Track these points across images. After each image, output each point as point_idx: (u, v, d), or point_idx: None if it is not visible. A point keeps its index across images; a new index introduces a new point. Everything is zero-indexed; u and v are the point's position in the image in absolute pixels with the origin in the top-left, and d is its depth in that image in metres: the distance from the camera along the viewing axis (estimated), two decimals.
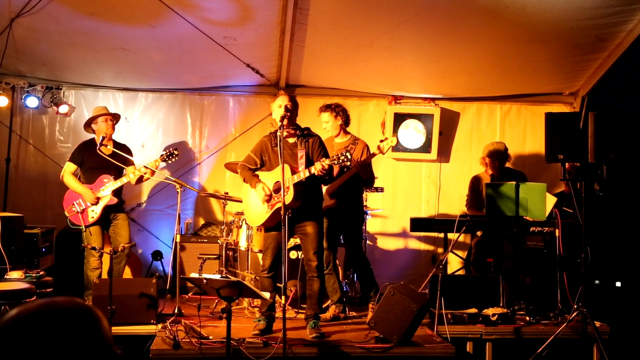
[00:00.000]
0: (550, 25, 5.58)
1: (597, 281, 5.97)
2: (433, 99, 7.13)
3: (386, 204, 7.06)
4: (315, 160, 4.59)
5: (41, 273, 5.09)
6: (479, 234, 5.82)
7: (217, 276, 3.79)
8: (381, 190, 6.44)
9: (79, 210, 5.39)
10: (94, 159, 5.52)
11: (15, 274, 4.95)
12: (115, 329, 4.37)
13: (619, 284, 6.01)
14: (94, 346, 1.24)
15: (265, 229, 4.76)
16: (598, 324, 4.79)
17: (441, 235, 6.16)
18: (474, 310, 5.04)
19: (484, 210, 5.57)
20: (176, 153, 5.56)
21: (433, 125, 7.00)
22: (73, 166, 5.61)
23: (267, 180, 4.70)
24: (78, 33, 5.73)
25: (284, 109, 4.57)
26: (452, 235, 5.37)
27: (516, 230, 5.45)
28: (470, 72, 6.62)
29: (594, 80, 6.64)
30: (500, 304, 5.15)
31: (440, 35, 5.89)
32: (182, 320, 4.72)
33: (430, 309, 4.78)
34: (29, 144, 6.75)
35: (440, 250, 6.95)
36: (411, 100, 7.13)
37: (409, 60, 6.41)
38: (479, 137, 7.13)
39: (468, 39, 5.91)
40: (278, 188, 4.54)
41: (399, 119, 6.99)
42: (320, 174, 4.43)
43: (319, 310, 4.77)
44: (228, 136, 7.04)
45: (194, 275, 4.07)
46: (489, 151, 5.99)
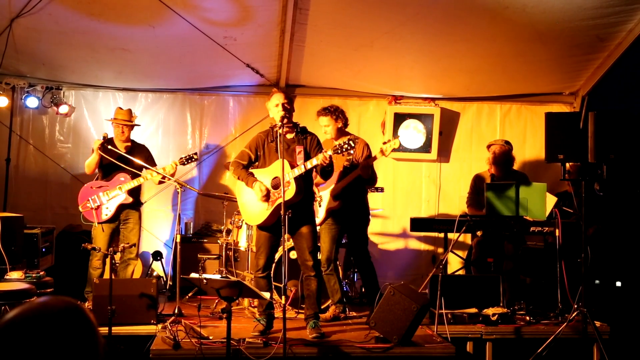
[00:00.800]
0: (550, 25, 5.58)
1: (597, 281, 5.96)
2: (433, 99, 7.13)
3: (386, 204, 7.05)
4: (313, 157, 4.58)
5: (41, 273, 5.09)
6: (479, 233, 5.81)
7: (217, 276, 3.79)
8: (381, 190, 6.43)
9: (94, 207, 5.37)
10: (112, 157, 5.48)
11: (15, 274, 4.95)
12: (116, 329, 4.37)
13: (619, 284, 6.00)
14: (83, 343, 1.23)
15: (260, 227, 4.70)
16: (598, 323, 4.79)
17: (441, 235, 6.15)
18: (474, 310, 5.04)
19: (484, 210, 5.57)
20: (196, 157, 5.58)
21: (433, 125, 7.00)
22: None
23: (264, 176, 4.65)
24: (78, 33, 5.73)
25: (282, 108, 4.55)
26: (452, 235, 5.36)
27: (516, 230, 5.44)
28: (470, 72, 6.62)
29: (594, 80, 6.65)
30: (501, 304, 5.15)
31: (440, 35, 5.89)
32: (182, 320, 4.73)
33: (431, 309, 4.78)
34: (29, 144, 6.75)
35: (440, 250, 6.95)
36: (411, 100, 7.12)
37: (409, 60, 6.41)
38: (479, 137, 7.14)
39: (468, 38, 5.91)
40: (277, 184, 4.52)
41: (399, 119, 6.99)
42: (324, 164, 4.43)
43: (319, 310, 4.76)
44: (228, 136, 7.04)
45: (194, 275, 4.08)
46: (495, 152, 5.95)
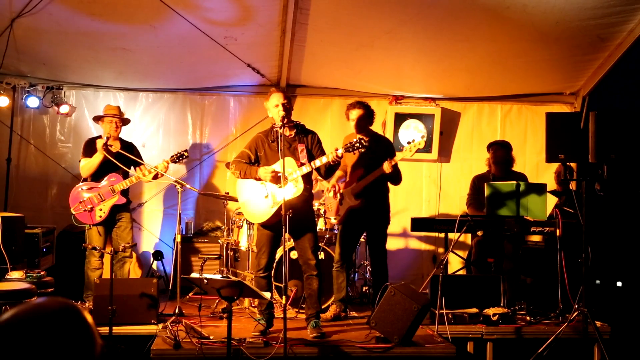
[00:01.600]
0: (551, 25, 5.58)
1: (598, 281, 5.96)
2: (434, 99, 7.13)
3: None
4: (315, 155, 4.59)
5: (42, 273, 5.08)
6: (479, 233, 5.81)
7: (218, 276, 3.78)
8: None
9: (88, 209, 5.33)
10: (112, 156, 5.43)
11: (16, 274, 4.95)
12: (116, 329, 4.37)
13: (619, 284, 6.01)
14: (79, 344, 1.23)
15: (263, 225, 4.69)
16: (599, 323, 4.79)
17: (442, 235, 6.15)
18: (474, 310, 5.04)
19: (485, 210, 5.57)
20: (186, 155, 5.56)
21: (434, 125, 7.00)
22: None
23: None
24: (79, 33, 5.73)
25: (282, 108, 4.55)
26: (453, 235, 5.36)
27: (517, 230, 5.44)
28: (471, 72, 6.61)
29: (595, 80, 6.64)
30: (501, 304, 5.15)
31: (441, 35, 5.89)
32: (183, 320, 4.72)
33: (431, 308, 4.78)
34: (29, 144, 6.75)
35: (441, 250, 6.95)
36: (412, 100, 7.12)
37: (409, 60, 6.41)
38: (480, 137, 7.13)
39: (469, 38, 5.91)
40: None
41: (400, 119, 6.99)
42: (333, 163, 4.44)
43: (320, 309, 4.76)
44: (229, 136, 7.04)
45: (195, 275, 4.08)
46: (495, 153, 5.96)
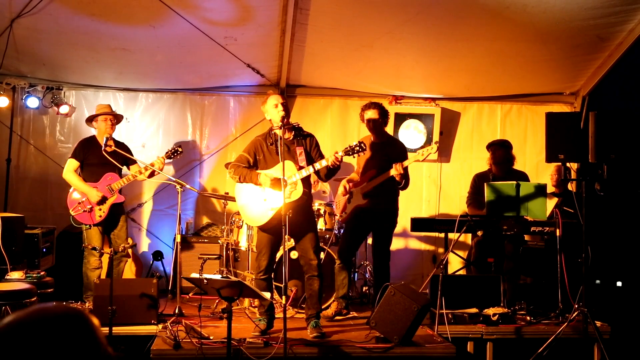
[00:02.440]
0: (550, 25, 5.58)
1: (598, 281, 5.96)
2: (434, 99, 7.13)
3: None
4: (314, 158, 4.59)
5: (42, 273, 5.09)
6: (479, 233, 5.81)
7: (218, 276, 3.78)
8: None
9: (87, 209, 5.30)
10: (96, 156, 5.43)
11: (15, 275, 4.95)
12: (116, 329, 4.37)
13: (619, 284, 6.01)
14: (87, 350, 1.23)
15: (262, 229, 4.68)
16: (599, 323, 4.79)
17: (442, 235, 6.14)
18: (474, 310, 5.04)
19: (485, 210, 5.57)
20: (180, 150, 5.57)
21: (434, 125, 7.00)
22: (75, 163, 5.48)
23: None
24: (79, 33, 5.73)
25: (282, 108, 4.54)
26: (453, 235, 5.35)
27: (517, 230, 5.44)
28: (471, 72, 6.62)
29: (595, 80, 6.64)
30: (501, 304, 5.14)
31: (440, 35, 5.89)
32: (183, 320, 4.72)
33: (431, 308, 4.78)
34: (29, 145, 6.75)
35: (440, 250, 6.95)
36: (412, 100, 7.12)
37: (409, 60, 6.41)
38: (480, 137, 7.13)
39: (469, 38, 5.91)
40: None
41: (400, 119, 6.99)
42: (334, 166, 4.44)
43: (320, 309, 4.76)
44: (229, 136, 7.04)
45: (195, 275, 4.07)
46: (495, 152, 5.96)
